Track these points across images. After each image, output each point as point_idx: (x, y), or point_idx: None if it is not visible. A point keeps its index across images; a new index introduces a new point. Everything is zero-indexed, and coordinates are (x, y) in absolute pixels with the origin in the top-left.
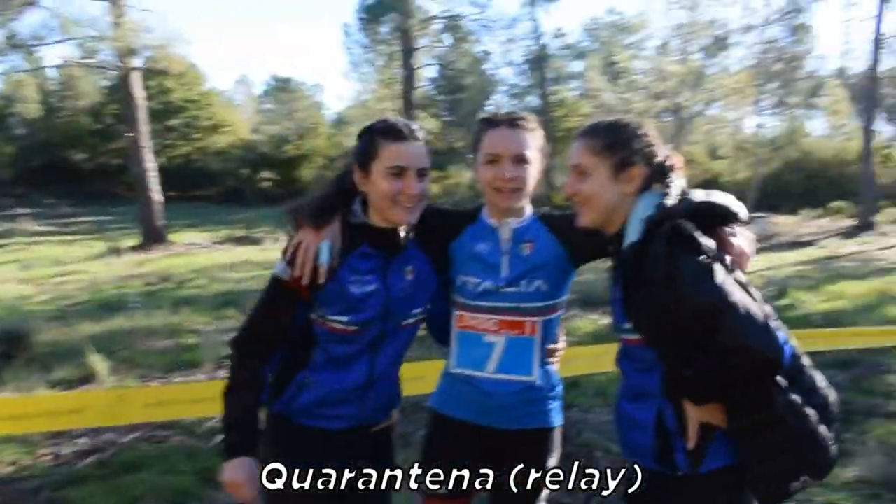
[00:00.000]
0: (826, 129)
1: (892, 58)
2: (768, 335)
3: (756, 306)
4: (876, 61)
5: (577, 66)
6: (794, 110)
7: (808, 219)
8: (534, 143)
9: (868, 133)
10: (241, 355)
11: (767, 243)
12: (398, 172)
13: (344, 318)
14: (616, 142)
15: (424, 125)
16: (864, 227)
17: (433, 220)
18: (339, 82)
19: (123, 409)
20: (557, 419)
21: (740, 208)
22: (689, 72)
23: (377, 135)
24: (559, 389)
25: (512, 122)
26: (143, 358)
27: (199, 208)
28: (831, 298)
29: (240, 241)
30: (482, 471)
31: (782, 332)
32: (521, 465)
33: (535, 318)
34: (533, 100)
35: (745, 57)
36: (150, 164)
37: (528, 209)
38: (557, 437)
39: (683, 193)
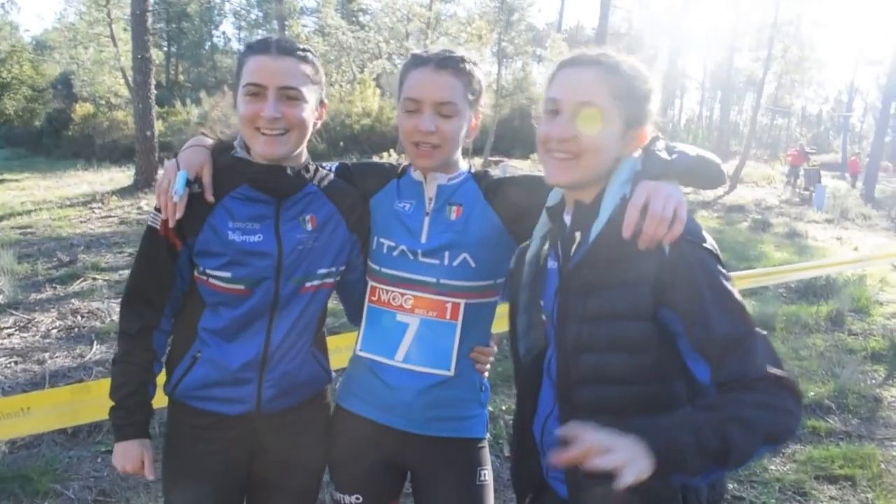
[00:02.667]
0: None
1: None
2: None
3: None
4: (605, 17)
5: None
6: (522, 59)
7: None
8: (466, 92)
9: None
10: (125, 318)
11: None
12: (255, 92)
13: (226, 274)
14: (638, 88)
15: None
16: None
17: (355, 172)
18: None
19: None
20: (479, 430)
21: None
22: (432, 14)
23: (244, 52)
24: (484, 396)
25: (442, 61)
26: None
27: None
28: None
29: None
30: (396, 477)
31: None
32: (438, 481)
33: (457, 300)
34: (264, 35)
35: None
36: None
37: (463, 165)
38: (481, 453)
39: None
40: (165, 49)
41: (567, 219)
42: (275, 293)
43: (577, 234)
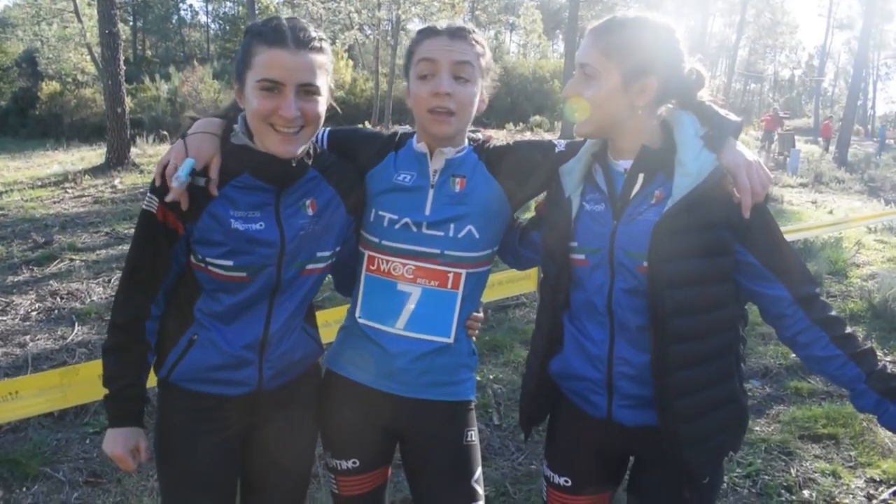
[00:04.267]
0: (520, 48)
1: None
2: None
3: None
4: None
5: None
6: (495, 28)
7: (515, 132)
8: (479, 60)
9: (572, 53)
10: (120, 307)
11: None
12: (271, 87)
13: (228, 262)
14: (635, 43)
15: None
16: (564, 139)
17: (348, 144)
18: None
19: None
20: (469, 393)
21: None
22: None
23: (253, 37)
24: (474, 361)
25: (454, 32)
26: None
27: None
28: None
29: None
30: (390, 441)
31: None
32: (429, 442)
33: (460, 270)
34: (232, 7)
35: None
36: None
37: (466, 140)
38: (469, 415)
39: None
40: (131, 24)
41: (622, 164)
42: (276, 279)
43: (641, 176)
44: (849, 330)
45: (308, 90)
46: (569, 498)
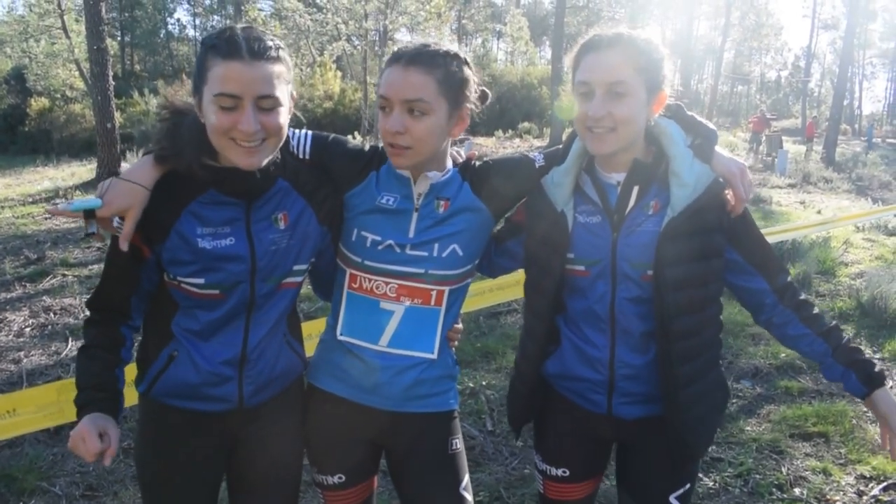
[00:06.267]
0: (508, 55)
1: None
2: None
3: None
4: None
5: None
6: (482, 36)
7: (504, 139)
8: (439, 87)
9: (559, 59)
10: (92, 313)
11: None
12: (228, 102)
13: (199, 280)
14: (654, 58)
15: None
16: (553, 145)
17: (329, 157)
18: None
19: None
20: (452, 403)
21: None
22: None
23: (207, 50)
24: (455, 370)
25: (412, 58)
26: None
27: None
28: None
29: None
30: (374, 453)
31: None
32: (414, 453)
33: (443, 287)
34: (220, 20)
35: None
36: None
37: (450, 161)
38: (452, 424)
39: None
40: (119, 39)
41: (615, 176)
42: (251, 295)
43: (636, 189)
44: (816, 311)
45: (267, 102)
46: (567, 487)
